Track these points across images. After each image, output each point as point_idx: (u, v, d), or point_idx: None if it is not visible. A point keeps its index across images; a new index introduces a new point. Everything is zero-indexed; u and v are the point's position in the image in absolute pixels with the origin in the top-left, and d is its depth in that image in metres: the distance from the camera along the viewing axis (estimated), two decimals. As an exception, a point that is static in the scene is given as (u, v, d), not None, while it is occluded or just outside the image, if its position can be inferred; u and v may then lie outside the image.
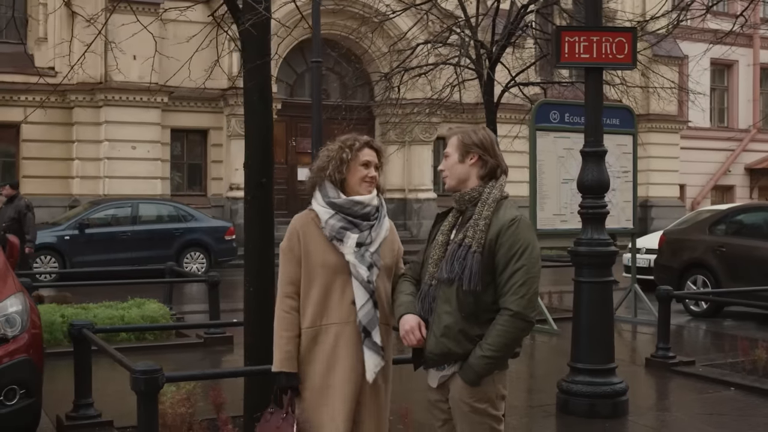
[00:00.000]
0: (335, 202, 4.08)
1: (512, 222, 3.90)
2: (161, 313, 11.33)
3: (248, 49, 6.29)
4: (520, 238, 3.88)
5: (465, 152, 4.07)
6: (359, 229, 4.08)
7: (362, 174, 4.15)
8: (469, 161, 4.06)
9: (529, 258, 3.87)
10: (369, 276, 4.06)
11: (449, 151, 4.14)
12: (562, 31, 7.81)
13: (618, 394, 7.66)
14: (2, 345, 6.13)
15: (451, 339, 3.91)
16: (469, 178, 4.08)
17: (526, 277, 3.84)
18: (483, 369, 3.86)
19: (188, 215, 20.33)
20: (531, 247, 3.89)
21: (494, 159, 4.07)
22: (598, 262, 7.76)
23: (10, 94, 23.91)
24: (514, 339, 3.87)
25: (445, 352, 3.93)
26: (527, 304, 3.83)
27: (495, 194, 4.00)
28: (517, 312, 3.82)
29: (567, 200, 12.52)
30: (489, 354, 3.83)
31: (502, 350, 3.85)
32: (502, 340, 3.83)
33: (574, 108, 12.78)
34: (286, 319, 4.12)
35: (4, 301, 6.32)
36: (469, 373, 3.89)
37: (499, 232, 3.89)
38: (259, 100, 6.29)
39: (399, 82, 14.85)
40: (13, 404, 6.09)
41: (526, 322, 3.86)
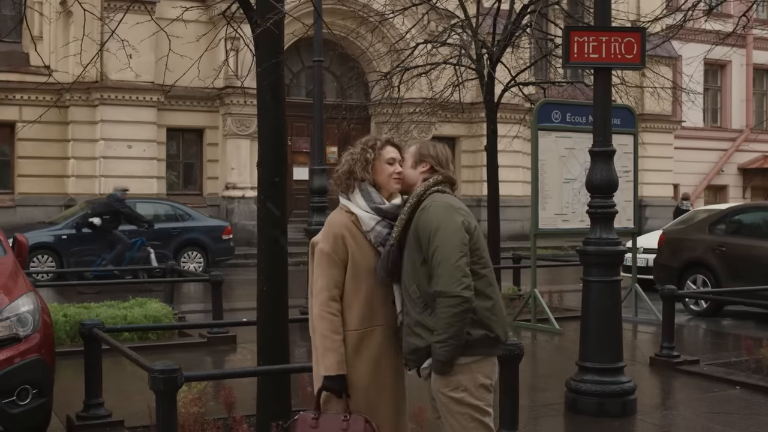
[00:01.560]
0: (382, 208, 4.19)
1: (423, 208, 4.08)
2: (164, 312, 11.30)
3: (261, 49, 6.30)
4: (431, 220, 4.00)
5: (419, 160, 4.28)
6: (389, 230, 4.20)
7: (389, 171, 4.26)
8: (421, 168, 4.26)
9: (443, 237, 3.95)
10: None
11: (405, 158, 4.31)
12: (571, 31, 7.81)
13: (627, 393, 7.69)
14: (14, 345, 6.12)
15: (412, 334, 4.05)
16: (416, 183, 4.24)
17: (441, 256, 3.93)
18: (442, 355, 3.94)
19: (186, 214, 20.29)
20: (442, 227, 3.98)
21: (445, 171, 4.27)
22: (606, 261, 7.78)
23: (5, 93, 23.90)
24: (452, 317, 3.91)
25: (412, 349, 4.06)
26: (448, 281, 3.90)
27: (418, 191, 4.17)
28: (442, 291, 3.91)
29: (568, 200, 12.58)
30: (439, 338, 3.92)
31: (446, 331, 3.91)
32: (442, 322, 3.91)
33: (576, 108, 12.83)
34: (335, 322, 4.13)
35: (16, 301, 6.31)
36: (435, 363, 3.99)
37: (417, 223, 4.06)
38: (271, 99, 6.30)
39: (399, 82, 14.84)
40: (25, 404, 6.09)
41: (454, 297, 3.90)
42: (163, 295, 12.80)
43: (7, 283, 6.54)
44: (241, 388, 6.99)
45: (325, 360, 4.10)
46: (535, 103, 15.37)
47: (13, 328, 6.14)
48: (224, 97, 25.27)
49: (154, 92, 24.08)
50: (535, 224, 12.32)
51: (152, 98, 24.28)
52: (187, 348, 10.72)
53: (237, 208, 25.31)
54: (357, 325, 4.13)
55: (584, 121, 12.63)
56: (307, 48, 26.54)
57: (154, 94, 24.17)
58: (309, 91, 27.92)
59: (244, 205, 25.48)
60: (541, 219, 12.34)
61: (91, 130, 24.22)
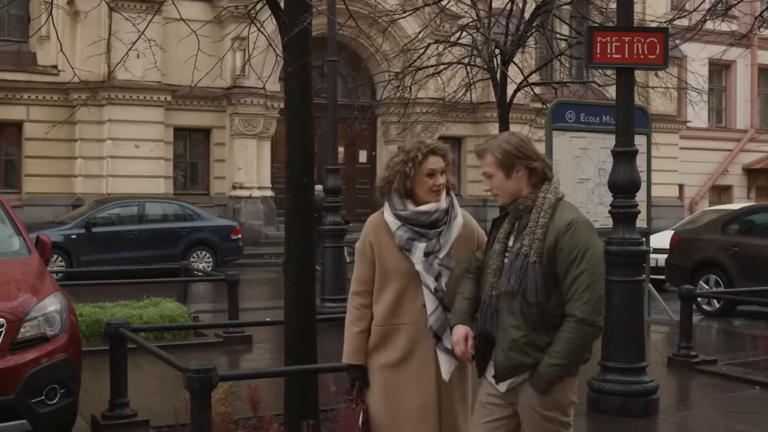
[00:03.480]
0: (401, 214, 4.18)
1: (569, 226, 3.81)
2: (179, 312, 11.30)
3: (289, 49, 6.28)
4: (579, 241, 3.78)
5: (509, 167, 3.95)
6: (427, 238, 4.16)
7: (428, 185, 4.18)
8: (517, 175, 3.96)
9: (590, 261, 3.77)
10: (437, 285, 4.15)
11: (491, 171, 3.99)
12: (594, 31, 7.83)
13: (649, 393, 7.70)
14: (42, 344, 6.13)
15: (520, 351, 3.85)
16: (521, 190, 3.97)
17: (590, 281, 3.75)
18: (553, 377, 3.81)
19: (194, 214, 20.30)
20: (591, 249, 3.79)
21: (539, 161, 3.97)
22: (629, 261, 7.80)
23: (13, 92, 23.89)
24: (582, 345, 3.80)
25: (514, 365, 3.88)
26: (593, 309, 3.74)
27: (550, 199, 3.91)
28: (583, 318, 3.74)
29: (583, 200, 12.56)
30: (557, 362, 3.78)
31: (570, 357, 3.79)
32: (570, 347, 3.77)
33: (590, 108, 12.83)
34: (355, 315, 4.29)
35: (43, 301, 6.31)
36: (539, 381, 3.84)
37: (557, 238, 3.80)
38: (300, 99, 6.29)
39: (411, 82, 14.85)
40: (53, 403, 6.09)
41: (593, 326, 3.77)
42: (177, 294, 12.78)
43: (34, 283, 6.54)
44: (263, 388, 6.99)
45: (344, 349, 4.32)
46: (546, 104, 15.40)
47: (41, 327, 6.15)
48: (231, 97, 25.27)
49: (162, 92, 24.08)
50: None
51: (159, 98, 24.28)
52: (204, 348, 10.71)
53: (244, 208, 25.31)
54: (381, 321, 4.23)
55: (598, 121, 12.64)
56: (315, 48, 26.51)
57: (161, 94, 24.17)
58: (316, 90, 27.88)
59: (251, 205, 25.49)
60: (555, 219, 12.32)
61: (98, 130, 24.22)
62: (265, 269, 21.81)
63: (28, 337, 6.05)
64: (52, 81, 24.33)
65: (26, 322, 6.05)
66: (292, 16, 6.23)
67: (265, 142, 26.13)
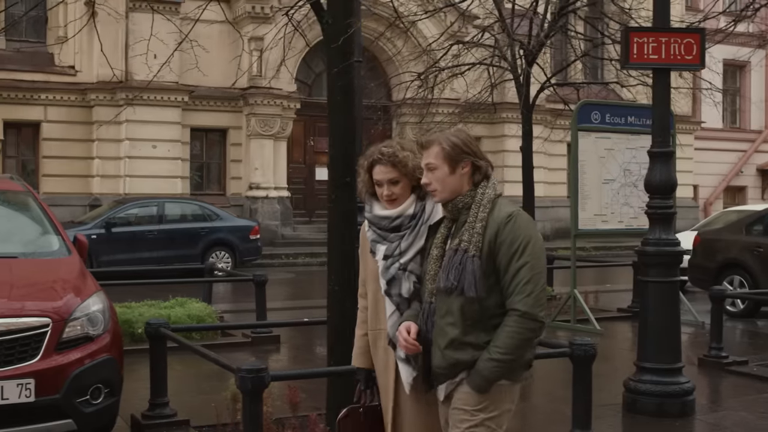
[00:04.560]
0: (366, 216, 4.12)
1: (509, 218, 3.65)
2: (207, 312, 11.32)
3: (333, 50, 6.29)
4: (520, 233, 3.63)
5: (456, 161, 3.76)
6: (388, 241, 4.00)
7: (379, 193, 4.03)
8: (461, 171, 3.77)
9: (532, 253, 3.62)
10: (387, 289, 3.98)
11: (435, 163, 3.76)
12: (630, 32, 7.82)
13: (686, 394, 7.70)
14: (87, 344, 6.13)
15: (457, 349, 3.68)
16: (462, 187, 3.78)
17: (531, 273, 3.59)
18: (492, 373, 3.61)
19: (213, 214, 20.33)
20: (533, 241, 3.64)
21: (483, 160, 3.81)
22: (665, 261, 7.79)
23: (30, 93, 23.97)
24: (525, 340, 3.60)
25: (452, 363, 3.69)
26: (535, 302, 3.58)
27: (489, 194, 3.74)
28: (526, 312, 3.56)
29: (608, 200, 12.59)
30: (498, 357, 3.59)
31: (512, 353, 3.59)
32: (511, 342, 3.58)
33: (616, 108, 12.87)
34: (359, 317, 4.29)
35: (87, 301, 6.31)
36: (477, 378, 3.64)
37: (497, 231, 3.64)
38: (343, 100, 6.31)
39: (434, 83, 14.86)
40: (98, 403, 6.10)
41: (536, 321, 3.59)
42: (196, 295, 12.79)
43: (77, 284, 6.56)
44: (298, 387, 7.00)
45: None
46: (568, 104, 15.41)
47: (85, 327, 6.15)
48: (248, 97, 25.32)
49: (179, 92, 24.14)
50: (575, 225, 12.33)
51: (177, 98, 24.34)
52: (233, 348, 10.73)
53: (261, 208, 25.36)
54: (370, 326, 4.17)
55: (623, 122, 12.66)
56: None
57: (178, 94, 24.23)
58: (332, 91, 27.95)
59: (267, 205, 25.54)
60: (581, 219, 12.36)
61: (115, 130, 24.26)
62: (283, 269, 21.85)
63: (72, 337, 6.05)
64: (69, 81, 24.43)
65: (71, 322, 6.05)
66: (336, 17, 6.25)
67: (282, 142, 26.18)
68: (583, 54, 15.36)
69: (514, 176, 28.41)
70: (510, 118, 27.73)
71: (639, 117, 12.83)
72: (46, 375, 5.79)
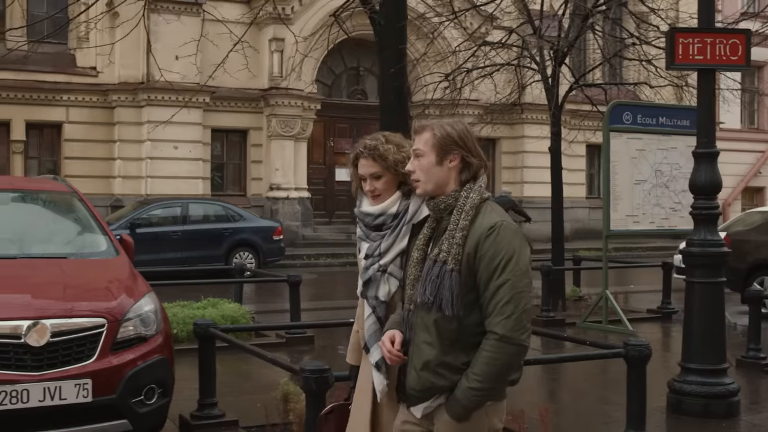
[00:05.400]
0: (355, 212, 3.95)
1: (491, 230, 3.34)
2: (240, 312, 11.32)
3: (385, 51, 6.32)
4: (502, 247, 3.32)
5: (445, 152, 3.45)
6: (370, 240, 3.83)
7: (364, 188, 3.85)
8: (449, 164, 3.47)
9: (514, 270, 3.31)
10: (363, 291, 3.82)
11: (423, 149, 3.48)
12: (676, 32, 7.81)
13: (731, 394, 7.69)
14: (140, 345, 6.14)
15: (433, 373, 3.40)
16: (448, 183, 3.48)
17: (512, 293, 3.29)
18: (471, 402, 3.35)
19: (237, 215, 20.35)
20: (516, 256, 3.33)
21: (477, 158, 3.48)
22: (710, 262, 7.78)
23: (53, 94, 24.04)
24: (504, 366, 3.32)
25: (427, 387, 3.42)
26: (515, 325, 3.28)
27: (473, 199, 3.43)
28: (503, 335, 3.28)
29: (639, 201, 12.57)
30: (476, 385, 3.32)
31: (491, 380, 3.32)
32: (490, 369, 3.30)
33: (647, 109, 12.84)
34: (357, 313, 4.07)
35: (139, 301, 6.33)
36: (455, 407, 3.38)
37: (478, 243, 3.34)
38: (396, 100, 6.34)
39: (461, 84, 14.87)
40: (152, 404, 6.12)
41: (516, 345, 3.30)
42: (233, 295, 12.81)
43: (129, 284, 6.58)
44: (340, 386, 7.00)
45: None
46: (596, 105, 15.39)
47: (138, 328, 6.17)
48: (269, 98, 25.35)
49: (200, 93, 24.15)
50: (607, 225, 12.32)
51: (198, 99, 24.36)
52: (269, 348, 10.63)
53: (281, 209, 25.40)
54: (357, 325, 4.03)
55: (655, 123, 12.65)
56: (350, 49, 26.68)
57: (200, 95, 24.24)
58: (351, 92, 28.01)
59: (288, 206, 25.57)
60: (613, 220, 12.34)
61: (137, 131, 24.34)
62: (305, 270, 21.83)
63: (126, 338, 6.07)
64: (91, 82, 24.50)
65: (124, 323, 6.06)
66: (388, 19, 6.27)
67: (302, 143, 26.21)
68: (614, 54, 15.35)
69: (534, 177, 28.53)
70: (529, 118, 27.72)
71: (670, 117, 12.82)
72: (103, 375, 5.81)
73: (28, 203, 7.79)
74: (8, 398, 5.52)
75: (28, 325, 5.63)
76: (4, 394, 5.50)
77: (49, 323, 5.70)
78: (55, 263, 6.74)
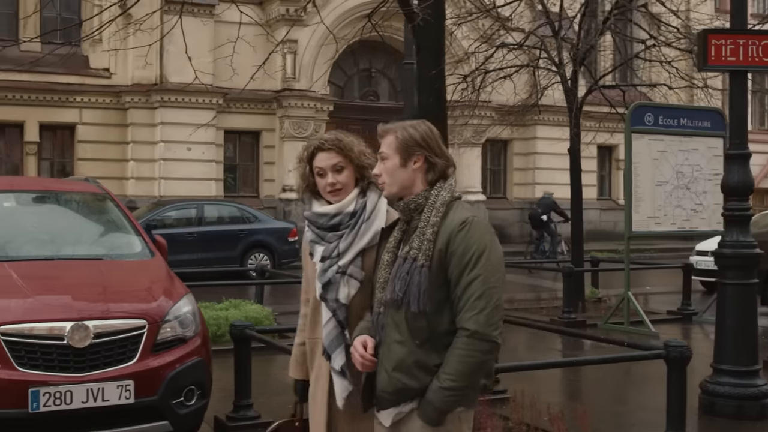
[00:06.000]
0: (305, 215, 3.83)
1: (463, 225, 3.28)
2: (264, 314, 11.34)
3: (424, 53, 6.32)
4: (474, 242, 3.26)
5: (408, 153, 3.41)
6: (326, 241, 3.72)
7: (321, 185, 3.75)
8: (413, 165, 3.42)
9: (486, 265, 3.23)
10: (323, 294, 3.67)
11: (386, 152, 3.45)
12: (708, 34, 7.80)
13: (765, 396, 7.67)
14: (180, 346, 6.15)
15: (405, 373, 3.30)
16: (414, 184, 3.43)
17: (484, 288, 3.21)
18: (444, 404, 3.24)
19: (252, 216, 20.36)
20: (488, 251, 3.26)
21: (442, 158, 3.43)
22: (743, 264, 7.78)
23: (66, 95, 24.09)
24: (477, 364, 3.22)
25: (399, 388, 3.31)
26: (487, 320, 3.19)
27: (444, 196, 3.37)
28: (475, 331, 3.18)
29: (661, 202, 12.57)
30: (448, 385, 3.21)
31: (463, 379, 3.21)
32: (462, 368, 3.20)
33: (669, 110, 12.84)
34: (299, 325, 4.00)
35: (178, 303, 6.33)
36: (428, 409, 3.26)
37: (449, 239, 3.28)
38: (435, 102, 6.33)
39: (480, 85, 14.87)
40: (191, 405, 6.13)
41: (488, 342, 3.20)
42: (255, 296, 12.82)
43: (167, 285, 6.59)
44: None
45: None
46: (615, 107, 15.39)
47: (177, 330, 6.18)
48: (281, 100, 25.37)
49: (213, 95, 24.20)
50: (629, 227, 12.32)
51: (211, 101, 24.41)
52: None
53: (294, 211, 25.41)
54: (308, 334, 3.87)
55: (676, 124, 12.65)
56: (362, 51, 26.71)
57: (213, 97, 24.29)
58: (363, 93, 28.03)
59: (301, 208, 25.47)
60: (634, 222, 12.33)
61: (150, 133, 24.38)
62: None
63: (166, 339, 6.07)
64: (104, 84, 24.55)
65: (164, 325, 6.07)
66: (427, 20, 6.27)
67: (314, 144, 26.20)
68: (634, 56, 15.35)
69: (545, 179, 28.51)
70: (541, 120, 27.74)
71: (691, 119, 12.82)
72: (144, 377, 5.82)
73: (62, 204, 7.82)
74: (52, 399, 5.54)
75: (71, 326, 5.64)
76: (48, 396, 5.52)
77: (91, 324, 5.71)
78: (92, 264, 6.76)
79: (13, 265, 6.40)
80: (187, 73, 22.67)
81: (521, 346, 11.08)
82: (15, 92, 23.39)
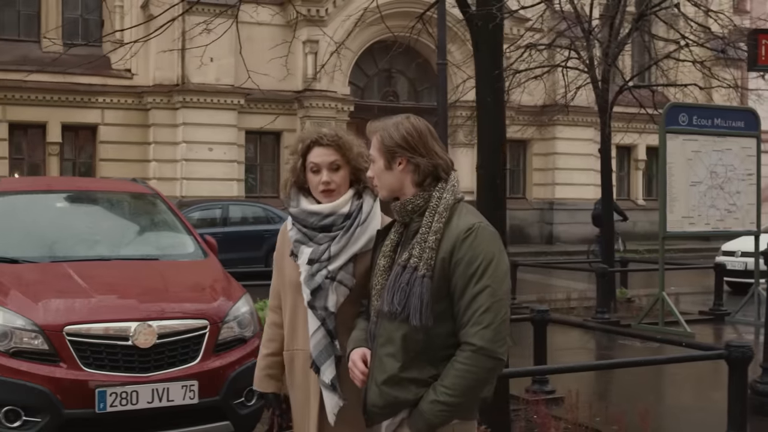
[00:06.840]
0: (291, 211, 3.57)
1: (469, 232, 3.05)
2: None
3: (482, 52, 6.30)
4: (481, 251, 3.02)
5: (391, 156, 3.19)
6: (315, 242, 3.46)
7: (313, 183, 3.52)
8: (398, 167, 3.20)
9: (494, 276, 3.01)
10: (311, 300, 3.42)
11: (373, 155, 3.26)
12: (759, 33, 7.80)
13: (817, 396, 7.66)
14: (240, 346, 6.15)
15: (397, 386, 3.10)
16: (403, 186, 3.22)
17: (491, 301, 2.99)
18: (436, 417, 3.02)
19: (276, 217, 20.35)
20: (495, 261, 3.03)
21: (427, 158, 3.18)
22: (792, 264, 7.76)
23: (88, 96, 24.13)
24: (479, 381, 3.01)
25: (390, 402, 3.12)
26: (494, 336, 2.97)
27: (446, 199, 3.14)
28: (481, 347, 2.97)
29: (695, 202, 12.56)
30: (444, 399, 3.00)
31: (462, 395, 3.00)
32: (462, 382, 2.99)
33: (703, 110, 12.86)
34: (266, 334, 3.73)
35: (237, 303, 6.33)
36: (419, 421, 3.06)
37: (453, 248, 3.05)
38: (493, 101, 6.31)
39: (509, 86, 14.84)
40: (251, 405, 6.12)
41: (494, 359, 2.99)
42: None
43: (225, 285, 6.59)
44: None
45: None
46: (644, 108, 15.37)
47: (236, 330, 6.18)
48: (303, 100, 25.38)
49: (235, 95, 24.23)
50: (663, 227, 12.30)
51: (233, 101, 24.43)
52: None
53: (314, 211, 25.42)
54: (285, 345, 3.61)
55: (710, 124, 12.65)
56: (381, 52, 26.61)
57: (234, 97, 24.32)
58: (383, 94, 28.00)
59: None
60: (669, 222, 12.32)
61: (172, 133, 24.42)
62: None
63: (227, 339, 6.08)
64: (126, 84, 24.59)
65: (225, 325, 6.08)
66: (484, 19, 6.25)
67: (336, 145, 26.22)
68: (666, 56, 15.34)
69: (565, 179, 28.48)
70: (561, 120, 27.71)
71: (725, 119, 12.81)
72: (207, 377, 5.83)
73: (115, 205, 7.83)
74: (119, 399, 5.54)
75: (136, 326, 5.64)
76: (114, 396, 5.53)
77: (155, 324, 5.71)
78: (149, 265, 6.77)
79: (72, 266, 6.40)
80: (208, 74, 22.86)
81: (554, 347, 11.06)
82: (37, 93, 23.43)
